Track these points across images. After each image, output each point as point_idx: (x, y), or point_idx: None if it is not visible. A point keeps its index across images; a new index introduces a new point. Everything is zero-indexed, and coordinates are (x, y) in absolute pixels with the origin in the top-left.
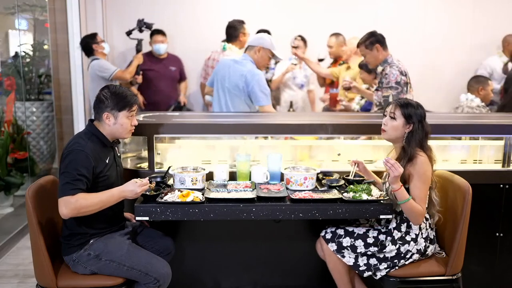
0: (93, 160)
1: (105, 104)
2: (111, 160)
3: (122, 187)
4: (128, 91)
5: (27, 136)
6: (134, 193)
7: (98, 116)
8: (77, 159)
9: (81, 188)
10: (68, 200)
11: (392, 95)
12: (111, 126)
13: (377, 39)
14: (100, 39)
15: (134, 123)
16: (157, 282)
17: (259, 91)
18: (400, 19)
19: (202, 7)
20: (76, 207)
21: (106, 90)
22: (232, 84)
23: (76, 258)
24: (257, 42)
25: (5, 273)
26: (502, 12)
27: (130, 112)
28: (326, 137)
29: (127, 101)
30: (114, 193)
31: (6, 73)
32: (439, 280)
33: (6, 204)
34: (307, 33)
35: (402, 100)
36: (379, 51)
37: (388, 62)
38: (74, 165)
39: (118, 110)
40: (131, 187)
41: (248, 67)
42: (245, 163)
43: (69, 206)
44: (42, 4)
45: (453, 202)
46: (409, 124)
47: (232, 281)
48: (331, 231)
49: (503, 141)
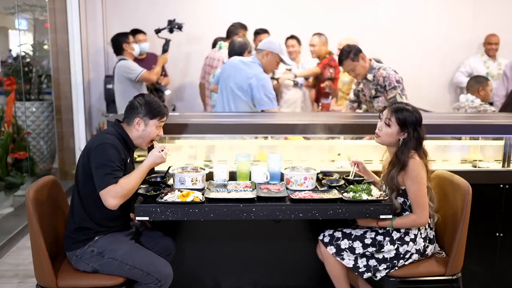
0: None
1: (138, 111)
2: (130, 161)
3: (150, 159)
4: (161, 103)
5: (27, 136)
6: (163, 160)
7: (128, 120)
8: (110, 153)
9: (120, 177)
10: (114, 190)
11: (398, 94)
12: (139, 132)
13: (358, 49)
14: (132, 40)
15: (161, 133)
16: (158, 283)
17: (264, 95)
18: (400, 19)
19: (202, 7)
20: (123, 194)
21: (141, 97)
22: (236, 85)
23: (79, 254)
24: (266, 46)
25: (5, 273)
26: (502, 12)
27: (160, 122)
28: (326, 137)
29: (160, 111)
30: (145, 164)
31: (6, 73)
32: (439, 280)
33: (6, 204)
34: (307, 33)
35: (398, 106)
36: (365, 59)
37: (375, 67)
38: (109, 157)
39: (150, 118)
40: (159, 155)
41: (254, 70)
42: (245, 163)
43: (117, 195)
44: (42, 4)
45: (453, 202)
46: (404, 132)
47: (232, 281)
48: (329, 234)
49: (503, 141)
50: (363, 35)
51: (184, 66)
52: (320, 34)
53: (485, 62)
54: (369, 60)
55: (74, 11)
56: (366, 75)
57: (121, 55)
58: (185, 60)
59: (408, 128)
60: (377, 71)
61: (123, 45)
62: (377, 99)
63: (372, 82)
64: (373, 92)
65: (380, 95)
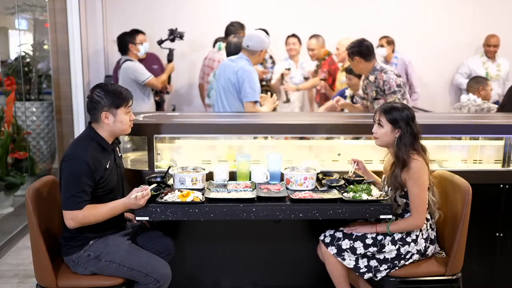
0: (93, 167)
1: (101, 104)
2: (112, 164)
3: (125, 201)
4: (121, 87)
5: (27, 136)
6: (138, 206)
7: (95, 117)
8: (79, 169)
9: (87, 200)
10: (76, 215)
11: (397, 99)
12: (110, 125)
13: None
14: (139, 41)
15: (132, 117)
16: (157, 283)
17: (248, 86)
18: (400, 19)
19: (202, 7)
20: (84, 222)
21: (99, 89)
22: (226, 81)
23: (76, 259)
24: (260, 46)
25: (5, 273)
26: (502, 12)
27: (127, 108)
28: (326, 137)
29: (123, 97)
30: (119, 205)
31: (6, 73)
32: (439, 280)
33: (6, 204)
34: (307, 33)
35: (386, 106)
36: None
37: (378, 69)
38: (77, 176)
39: (115, 108)
40: (133, 201)
41: (240, 64)
42: (245, 163)
43: (77, 220)
44: (42, 4)
45: (453, 202)
46: (397, 128)
47: (232, 281)
48: (330, 235)
49: (503, 141)
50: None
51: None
52: (317, 36)
53: (484, 63)
54: (372, 62)
55: (74, 11)
56: (369, 75)
57: (126, 55)
58: (185, 61)
59: (400, 124)
60: (379, 73)
61: (129, 45)
62: (378, 101)
63: (374, 83)
64: (374, 94)
65: (380, 97)
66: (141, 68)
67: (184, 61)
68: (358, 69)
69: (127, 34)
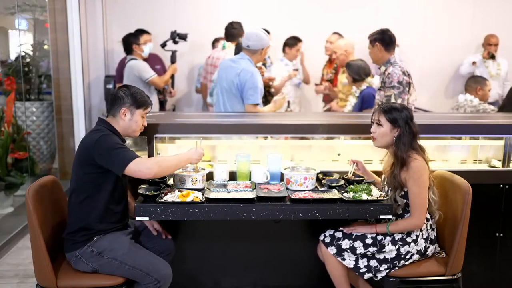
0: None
1: (123, 101)
2: None
3: (188, 154)
4: (144, 93)
5: (27, 136)
6: (200, 156)
7: (113, 112)
8: (115, 139)
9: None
10: (145, 160)
11: (394, 94)
12: (125, 122)
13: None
14: (143, 42)
15: (145, 123)
16: (157, 283)
17: (249, 88)
18: (400, 19)
19: (202, 7)
20: (160, 163)
21: (125, 88)
22: (228, 83)
23: (79, 254)
24: (260, 45)
25: (5, 273)
26: (502, 12)
27: (145, 112)
28: (326, 137)
29: (145, 102)
30: (183, 155)
31: (6, 73)
32: (439, 280)
33: (6, 204)
34: (306, 34)
35: (385, 106)
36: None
37: (390, 62)
38: (115, 142)
39: (136, 108)
40: (196, 156)
41: (243, 65)
42: (245, 163)
43: (150, 162)
44: (42, 4)
45: (453, 202)
46: (396, 128)
47: (232, 281)
48: (330, 235)
49: (503, 141)
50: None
51: (184, 66)
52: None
53: (484, 62)
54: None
55: (74, 11)
56: (381, 66)
57: (131, 55)
58: (185, 61)
59: (399, 123)
60: (389, 66)
61: (133, 46)
62: (379, 92)
63: (383, 74)
64: (380, 85)
65: (382, 89)
66: (146, 66)
67: (184, 61)
68: (376, 57)
69: (131, 35)
